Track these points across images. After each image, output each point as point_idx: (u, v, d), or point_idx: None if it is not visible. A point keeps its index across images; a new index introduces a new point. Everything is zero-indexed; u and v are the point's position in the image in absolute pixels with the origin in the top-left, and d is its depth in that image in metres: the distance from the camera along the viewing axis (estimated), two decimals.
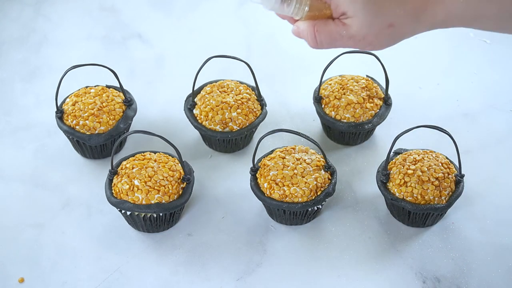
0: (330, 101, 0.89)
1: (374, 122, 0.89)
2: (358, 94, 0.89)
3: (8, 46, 1.11)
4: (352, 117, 0.88)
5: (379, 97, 0.90)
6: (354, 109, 0.88)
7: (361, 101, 0.88)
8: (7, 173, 0.90)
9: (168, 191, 0.79)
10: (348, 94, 0.89)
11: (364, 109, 0.88)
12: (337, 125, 0.89)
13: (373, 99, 0.90)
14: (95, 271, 0.79)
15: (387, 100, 0.90)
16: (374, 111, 0.89)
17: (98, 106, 0.88)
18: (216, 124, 0.88)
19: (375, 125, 0.90)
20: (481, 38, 1.13)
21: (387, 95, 0.91)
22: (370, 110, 0.89)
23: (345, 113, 0.88)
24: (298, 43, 1.13)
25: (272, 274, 0.79)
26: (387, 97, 0.91)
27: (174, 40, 1.13)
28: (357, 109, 0.88)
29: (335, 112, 0.89)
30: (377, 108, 0.89)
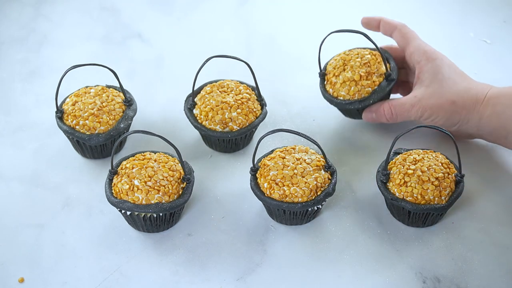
0: (330, 78, 0.90)
1: (370, 99, 0.88)
2: (356, 71, 0.88)
3: (8, 46, 1.11)
4: (347, 95, 0.88)
5: (379, 74, 0.88)
6: (349, 86, 0.87)
7: (358, 79, 0.87)
8: (7, 173, 0.90)
9: (168, 191, 0.79)
10: (347, 71, 0.88)
11: (359, 86, 0.87)
12: (334, 103, 0.90)
13: (371, 76, 0.87)
14: (95, 271, 0.79)
15: (389, 76, 0.88)
16: (371, 88, 0.87)
17: (98, 106, 0.88)
18: (216, 124, 0.88)
19: (370, 102, 0.88)
20: (481, 38, 1.13)
21: (388, 71, 0.88)
22: (366, 87, 0.87)
23: (341, 90, 0.88)
24: (298, 43, 1.13)
25: (272, 274, 0.79)
26: (388, 73, 0.88)
27: (174, 40, 1.13)
28: (352, 87, 0.87)
29: (333, 89, 0.90)
30: (374, 85, 0.87)
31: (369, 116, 0.88)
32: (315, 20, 1.18)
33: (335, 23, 1.18)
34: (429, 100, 0.82)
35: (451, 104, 0.82)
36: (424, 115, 0.83)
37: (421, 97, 0.83)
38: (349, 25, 1.17)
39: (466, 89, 0.82)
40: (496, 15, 1.17)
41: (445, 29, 1.15)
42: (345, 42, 0.95)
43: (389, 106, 0.85)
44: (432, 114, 0.82)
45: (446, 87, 0.82)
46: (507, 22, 1.16)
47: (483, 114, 0.81)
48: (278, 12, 1.20)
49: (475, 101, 0.82)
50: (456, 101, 0.81)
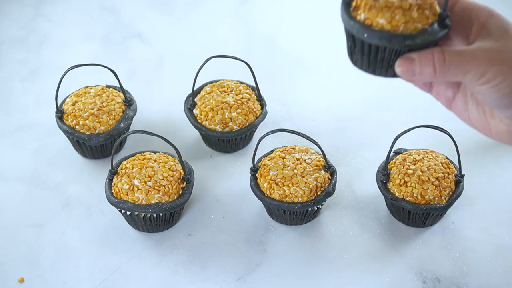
0: (363, 0, 0.60)
1: (418, 37, 0.59)
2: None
3: (8, 46, 1.11)
4: (388, 24, 0.59)
5: (433, 12, 0.60)
6: (394, 13, 0.58)
7: (406, 7, 0.59)
8: (7, 173, 0.90)
9: (168, 191, 0.79)
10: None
11: (407, 17, 0.59)
12: (366, 32, 0.59)
13: (424, 11, 0.59)
14: (95, 271, 0.79)
15: (445, 18, 0.60)
16: (421, 25, 0.59)
17: (98, 106, 0.88)
18: (216, 124, 0.88)
19: (417, 42, 0.59)
20: None
21: (446, 12, 0.60)
22: (416, 22, 0.59)
23: (380, 17, 0.58)
24: (298, 43, 1.13)
25: (272, 274, 0.79)
26: (445, 14, 0.60)
27: (174, 40, 1.13)
28: (397, 15, 0.58)
29: (366, 15, 0.59)
30: (426, 23, 0.59)
31: (407, 63, 0.58)
32: (315, 20, 1.17)
33: (335, 23, 1.18)
34: (499, 55, 0.57)
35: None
36: (487, 74, 0.56)
37: (488, 49, 0.57)
38: None
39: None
40: None
41: None
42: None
43: (441, 50, 0.57)
44: (497, 75, 0.56)
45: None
46: None
47: None
48: (278, 12, 1.20)
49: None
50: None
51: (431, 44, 0.59)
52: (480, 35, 0.60)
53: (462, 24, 0.62)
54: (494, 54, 0.57)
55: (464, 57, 0.58)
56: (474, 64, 0.57)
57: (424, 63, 0.58)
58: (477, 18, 0.61)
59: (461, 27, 0.62)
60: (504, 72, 0.57)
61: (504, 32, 0.60)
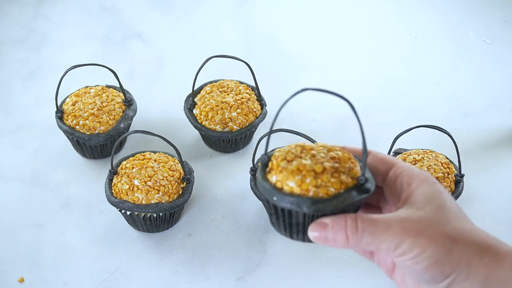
0: (277, 162, 0.55)
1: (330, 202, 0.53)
2: (319, 161, 0.54)
3: (8, 46, 1.11)
4: (297, 188, 0.53)
5: (351, 175, 0.54)
6: (304, 177, 0.53)
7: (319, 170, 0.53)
8: (7, 173, 0.90)
9: (168, 191, 0.79)
10: (305, 158, 0.54)
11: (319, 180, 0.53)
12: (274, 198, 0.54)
13: (339, 174, 0.54)
14: (95, 271, 0.79)
15: (363, 183, 0.54)
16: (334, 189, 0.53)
17: (98, 106, 0.88)
18: (216, 124, 0.88)
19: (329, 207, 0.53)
20: (481, 38, 1.13)
21: (365, 176, 0.54)
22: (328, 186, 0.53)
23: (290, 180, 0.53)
24: (298, 43, 1.13)
25: (272, 274, 0.79)
26: (362, 178, 0.54)
27: (174, 40, 1.13)
28: (308, 178, 0.53)
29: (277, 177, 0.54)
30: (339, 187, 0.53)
31: (320, 228, 0.53)
32: (315, 20, 1.18)
33: (335, 23, 1.18)
34: (416, 225, 0.51)
35: (450, 242, 0.51)
36: (402, 246, 0.51)
37: (406, 218, 0.52)
38: (349, 26, 1.17)
39: (473, 231, 0.53)
40: (496, 15, 1.17)
41: (445, 29, 1.15)
42: None
43: (355, 218, 0.52)
44: (413, 248, 0.50)
45: (447, 218, 0.52)
46: (507, 22, 1.16)
47: (493, 272, 0.51)
48: (278, 12, 1.20)
49: (484, 249, 0.51)
50: (458, 240, 0.51)
51: (350, 208, 0.54)
52: (405, 203, 0.55)
53: (394, 191, 0.57)
54: (411, 224, 0.52)
55: (377, 226, 0.52)
56: (387, 234, 0.52)
57: (336, 230, 0.53)
58: (408, 185, 0.55)
59: (393, 193, 0.57)
60: (420, 245, 0.51)
61: (429, 201, 0.54)
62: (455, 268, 0.51)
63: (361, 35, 1.14)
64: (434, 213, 0.52)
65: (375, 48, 1.12)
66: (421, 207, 0.53)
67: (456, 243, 0.51)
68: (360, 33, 1.15)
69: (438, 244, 0.50)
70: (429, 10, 1.19)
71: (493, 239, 0.52)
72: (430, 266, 0.51)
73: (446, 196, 0.54)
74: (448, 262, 0.51)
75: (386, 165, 0.57)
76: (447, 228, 0.51)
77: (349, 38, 1.14)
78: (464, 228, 0.52)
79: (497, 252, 0.51)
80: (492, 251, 0.51)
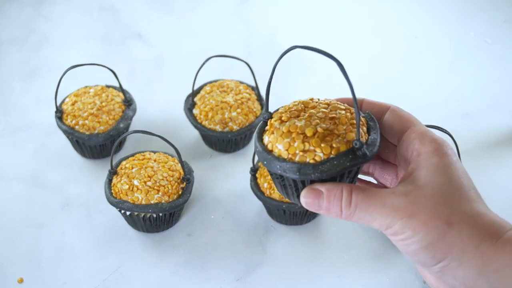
0: (273, 122, 0.54)
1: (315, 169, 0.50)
2: (312, 122, 0.52)
3: (8, 46, 1.11)
4: (284, 151, 0.51)
5: (345, 139, 0.51)
6: (292, 140, 0.51)
7: (310, 134, 0.51)
8: (7, 173, 0.90)
9: (168, 191, 0.79)
10: (300, 119, 0.53)
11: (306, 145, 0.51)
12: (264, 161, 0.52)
13: (332, 138, 0.51)
14: (95, 271, 0.79)
15: (358, 148, 0.50)
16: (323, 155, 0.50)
17: (98, 106, 0.88)
18: (216, 124, 0.88)
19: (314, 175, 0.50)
20: (481, 38, 1.13)
21: (360, 141, 0.50)
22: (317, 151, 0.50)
23: (279, 142, 0.52)
24: (298, 43, 1.13)
25: (272, 274, 0.79)
26: (358, 143, 0.50)
27: (174, 40, 1.13)
28: (296, 142, 0.51)
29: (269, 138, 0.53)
30: (330, 153, 0.50)
31: (314, 195, 0.51)
32: (315, 20, 1.18)
33: (334, 23, 1.18)
34: (412, 205, 0.48)
35: (444, 225, 0.48)
36: (394, 226, 0.48)
37: (402, 197, 0.49)
38: (349, 26, 1.17)
39: (475, 215, 0.49)
40: (496, 15, 1.17)
41: (446, 29, 1.15)
42: None
43: (350, 190, 0.50)
44: (405, 229, 0.48)
45: (448, 198, 0.49)
46: (507, 22, 1.16)
47: (490, 262, 0.47)
48: (278, 12, 1.20)
49: (482, 236, 0.47)
50: (454, 224, 0.48)
51: (344, 174, 0.51)
52: (409, 175, 0.51)
53: (405, 157, 0.53)
54: (406, 204, 0.48)
55: (371, 202, 0.49)
56: (380, 212, 0.49)
57: (331, 200, 0.50)
58: (418, 155, 0.52)
59: (404, 159, 0.54)
60: (412, 227, 0.48)
61: (432, 178, 0.50)
62: (447, 254, 0.48)
63: (361, 35, 1.14)
64: (435, 192, 0.49)
65: (375, 48, 1.12)
66: (422, 184, 0.49)
67: (452, 228, 0.48)
68: (360, 33, 1.15)
69: (430, 227, 0.48)
70: (429, 10, 1.19)
71: (496, 225, 0.48)
72: (420, 250, 0.48)
73: (455, 171, 0.50)
74: (440, 247, 0.48)
75: (402, 125, 0.54)
76: (444, 210, 0.48)
77: (349, 38, 1.14)
78: (465, 211, 0.48)
79: (497, 240, 0.47)
80: (491, 238, 0.47)
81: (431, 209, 0.48)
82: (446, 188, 0.49)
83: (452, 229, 0.47)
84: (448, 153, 0.51)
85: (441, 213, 0.48)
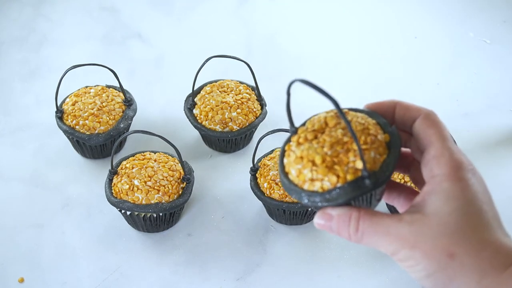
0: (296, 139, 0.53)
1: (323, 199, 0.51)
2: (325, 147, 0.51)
3: (8, 46, 1.11)
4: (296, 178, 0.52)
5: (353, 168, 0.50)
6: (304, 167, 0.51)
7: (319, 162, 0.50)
8: (7, 173, 0.90)
9: (168, 191, 0.79)
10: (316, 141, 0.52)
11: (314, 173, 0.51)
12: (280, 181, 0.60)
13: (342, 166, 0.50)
14: (95, 271, 0.79)
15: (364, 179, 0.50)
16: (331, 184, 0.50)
17: (98, 106, 0.88)
18: (216, 124, 0.88)
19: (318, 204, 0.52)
20: (481, 38, 1.13)
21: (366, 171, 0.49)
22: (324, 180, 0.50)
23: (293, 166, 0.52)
24: (298, 43, 1.13)
25: (272, 274, 0.79)
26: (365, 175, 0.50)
27: (174, 40, 1.13)
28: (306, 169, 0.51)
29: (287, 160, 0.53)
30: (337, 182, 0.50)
31: (326, 219, 0.52)
32: (315, 20, 1.17)
33: (334, 23, 1.18)
34: (415, 236, 0.48)
35: (446, 257, 0.47)
36: (399, 254, 0.49)
37: (407, 226, 0.49)
38: (348, 26, 1.17)
39: (483, 246, 0.47)
40: (496, 15, 1.17)
41: (445, 29, 1.15)
42: None
43: (358, 217, 0.51)
44: (409, 259, 0.48)
45: (455, 228, 0.48)
46: (507, 22, 1.16)
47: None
48: (278, 12, 1.20)
49: (486, 270, 0.47)
50: (456, 255, 0.47)
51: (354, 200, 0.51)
52: (421, 199, 0.50)
53: (422, 174, 0.52)
54: (409, 234, 0.48)
55: (376, 230, 0.50)
56: (385, 240, 0.50)
57: (341, 225, 0.51)
58: (433, 177, 0.50)
59: (420, 176, 0.53)
60: (415, 257, 0.48)
61: (441, 206, 0.48)
62: (448, 285, 0.47)
63: (361, 35, 1.14)
64: (441, 221, 0.48)
65: (375, 48, 1.12)
66: (429, 212, 0.48)
67: (453, 259, 0.47)
68: (360, 33, 1.15)
69: (432, 259, 0.47)
70: (429, 10, 1.19)
71: (504, 254, 0.47)
72: (424, 278, 0.48)
73: (469, 198, 0.49)
74: (442, 278, 0.47)
75: (426, 140, 0.52)
76: (448, 241, 0.47)
77: (349, 38, 1.14)
78: (472, 241, 0.47)
79: (502, 272, 0.46)
80: (495, 271, 0.46)
81: (434, 239, 0.47)
82: (455, 216, 0.48)
83: (453, 261, 0.47)
84: (466, 176, 0.49)
85: (443, 244, 0.47)
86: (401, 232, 0.48)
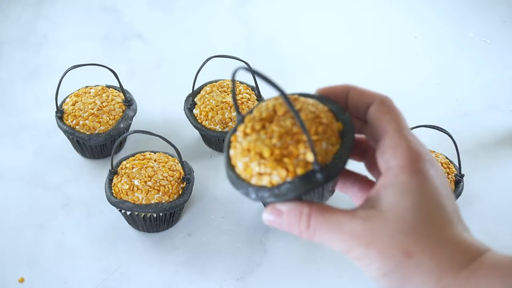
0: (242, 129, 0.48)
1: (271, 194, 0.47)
2: (273, 138, 0.46)
3: (8, 46, 1.11)
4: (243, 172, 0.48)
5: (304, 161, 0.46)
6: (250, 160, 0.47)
7: (267, 154, 0.46)
8: (7, 173, 0.90)
9: (168, 191, 0.79)
10: (263, 131, 0.47)
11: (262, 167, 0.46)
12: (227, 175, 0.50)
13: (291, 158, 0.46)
14: (95, 271, 0.79)
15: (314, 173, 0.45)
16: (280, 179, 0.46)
17: (98, 106, 0.88)
18: (216, 124, 0.88)
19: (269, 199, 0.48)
20: (481, 38, 1.13)
21: (317, 165, 0.45)
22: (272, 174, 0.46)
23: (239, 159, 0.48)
24: (298, 43, 1.13)
25: (272, 274, 0.79)
26: (316, 168, 0.45)
27: (174, 40, 1.13)
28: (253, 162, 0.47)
29: (234, 152, 0.48)
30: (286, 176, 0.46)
31: (275, 214, 0.48)
32: (315, 21, 1.18)
33: (334, 23, 1.18)
34: (370, 233, 0.44)
35: (402, 256, 0.44)
36: (353, 252, 0.45)
37: (361, 222, 0.45)
38: (348, 26, 1.17)
39: (442, 244, 0.44)
40: (496, 15, 1.17)
41: (445, 29, 1.15)
42: None
43: (309, 214, 0.47)
44: (363, 257, 0.45)
45: (409, 224, 0.44)
46: (507, 22, 1.16)
47: None
48: (278, 12, 1.20)
49: (444, 270, 0.44)
50: (413, 254, 0.44)
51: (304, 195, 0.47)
52: (375, 193, 0.46)
53: (377, 165, 0.48)
54: (364, 231, 0.45)
55: (328, 227, 0.46)
56: (338, 238, 0.46)
57: (291, 221, 0.47)
58: (388, 169, 0.46)
59: (376, 168, 0.50)
60: (369, 256, 0.44)
61: (398, 201, 0.44)
62: (404, 285, 0.44)
63: (361, 35, 1.14)
64: (397, 218, 0.44)
65: (375, 48, 1.12)
66: (385, 208, 0.45)
67: (410, 259, 0.44)
68: (360, 33, 1.15)
69: (387, 258, 0.44)
70: (429, 10, 1.19)
71: (464, 253, 0.44)
72: (379, 277, 0.45)
73: (427, 192, 0.45)
74: (398, 278, 0.44)
75: (382, 128, 0.48)
76: (404, 239, 0.44)
77: (349, 38, 1.14)
78: (430, 239, 0.44)
79: (461, 271, 0.43)
80: (455, 270, 0.43)
81: (389, 237, 0.44)
82: (412, 213, 0.44)
83: (410, 260, 0.44)
84: (424, 168, 0.45)
85: (400, 242, 0.44)
86: (355, 229, 0.45)
